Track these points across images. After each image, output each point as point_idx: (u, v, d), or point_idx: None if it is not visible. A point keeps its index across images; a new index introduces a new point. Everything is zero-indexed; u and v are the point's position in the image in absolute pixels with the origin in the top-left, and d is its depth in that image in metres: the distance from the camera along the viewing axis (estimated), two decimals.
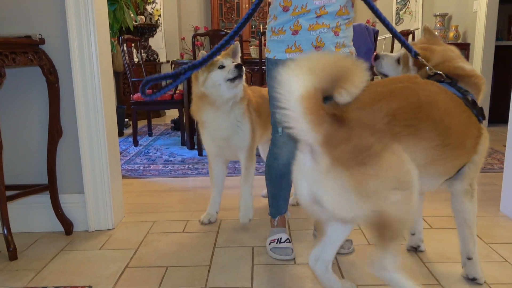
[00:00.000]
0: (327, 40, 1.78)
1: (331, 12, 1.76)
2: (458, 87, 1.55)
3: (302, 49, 1.79)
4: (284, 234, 2.01)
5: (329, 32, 1.78)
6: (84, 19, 2.11)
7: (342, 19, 1.79)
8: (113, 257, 1.98)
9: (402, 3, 6.57)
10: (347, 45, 1.85)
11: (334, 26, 1.78)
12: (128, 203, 2.66)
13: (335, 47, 1.80)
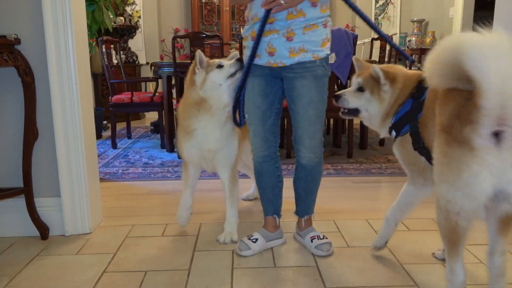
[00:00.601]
0: (279, 46, 1.80)
1: (280, 18, 1.77)
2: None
3: (259, 55, 1.85)
4: (258, 234, 2.04)
5: (280, 38, 1.79)
6: (61, 19, 2.07)
7: (295, 23, 1.77)
8: (90, 262, 1.94)
9: (380, 8, 6.68)
10: (309, 50, 1.80)
11: (285, 32, 1.78)
12: (106, 206, 2.62)
13: (289, 52, 1.80)
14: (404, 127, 1.74)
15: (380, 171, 3.39)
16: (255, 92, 1.92)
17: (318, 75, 1.85)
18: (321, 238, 2.02)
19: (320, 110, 1.89)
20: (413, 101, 1.72)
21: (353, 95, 1.84)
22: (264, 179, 2.04)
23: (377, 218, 2.41)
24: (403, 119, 1.75)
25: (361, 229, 2.28)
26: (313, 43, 1.81)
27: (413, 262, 1.91)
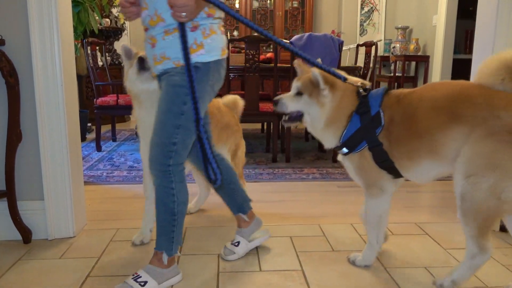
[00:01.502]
0: (148, 53, 1.70)
1: (147, 24, 1.64)
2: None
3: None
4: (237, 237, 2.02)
5: (147, 45, 1.68)
6: (47, 20, 2.05)
7: (156, 29, 1.61)
8: (74, 266, 1.92)
9: (366, 15, 6.76)
10: (172, 57, 1.61)
11: (149, 37, 1.66)
12: (90, 210, 2.59)
13: (154, 60, 1.67)
14: (359, 144, 1.74)
15: None
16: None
17: (175, 82, 1.61)
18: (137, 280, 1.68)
19: (164, 123, 1.62)
20: (361, 116, 1.72)
21: (291, 99, 1.82)
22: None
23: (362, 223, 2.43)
24: (357, 135, 1.73)
25: (346, 233, 2.30)
26: (175, 49, 1.58)
27: (397, 266, 1.93)
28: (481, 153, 1.50)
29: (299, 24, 6.82)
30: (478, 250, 1.58)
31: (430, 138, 1.61)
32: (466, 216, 1.56)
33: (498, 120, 1.47)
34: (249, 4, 6.69)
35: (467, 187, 1.53)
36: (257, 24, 6.76)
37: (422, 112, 1.62)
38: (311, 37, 3.52)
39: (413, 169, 1.71)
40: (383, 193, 1.79)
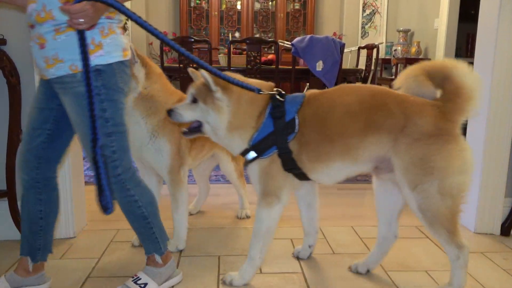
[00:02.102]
0: (36, 55, 1.48)
1: (33, 20, 1.44)
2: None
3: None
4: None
5: (34, 45, 1.47)
6: None
7: (44, 26, 1.42)
8: (74, 266, 1.92)
9: (367, 17, 6.77)
10: (66, 59, 1.44)
11: (36, 36, 1.45)
12: (90, 210, 2.58)
13: (46, 63, 1.46)
14: (269, 149, 1.65)
15: (366, 178, 3.42)
16: (33, 102, 1.62)
17: (80, 94, 1.45)
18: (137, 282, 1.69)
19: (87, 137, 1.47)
20: (274, 120, 1.64)
21: (186, 108, 1.68)
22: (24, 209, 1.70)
23: (363, 225, 2.43)
24: (268, 140, 1.64)
25: (346, 235, 2.30)
26: (70, 50, 1.42)
27: (398, 270, 1.93)
28: (413, 162, 1.54)
29: (300, 26, 6.82)
30: (458, 250, 1.60)
31: (344, 143, 1.60)
32: (434, 225, 1.58)
33: (416, 127, 1.53)
34: (251, 5, 6.70)
35: (418, 198, 1.56)
36: (258, 25, 6.77)
37: (335, 116, 1.61)
38: (312, 39, 3.52)
39: (322, 171, 1.68)
40: (278, 203, 1.71)
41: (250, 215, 2.54)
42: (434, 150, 1.52)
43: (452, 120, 1.54)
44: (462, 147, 1.54)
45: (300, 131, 1.63)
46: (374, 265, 1.90)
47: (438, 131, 1.52)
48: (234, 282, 1.77)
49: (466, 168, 1.55)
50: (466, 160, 1.55)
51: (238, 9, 6.77)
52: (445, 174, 1.52)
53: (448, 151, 1.52)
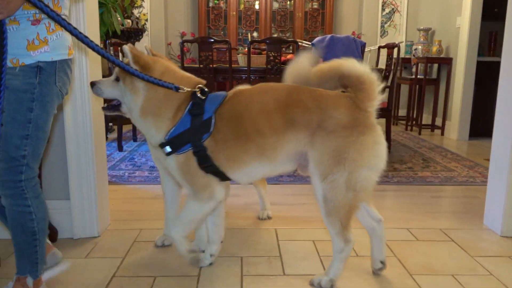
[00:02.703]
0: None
1: None
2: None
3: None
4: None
5: None
6: (74, 22, 2.08)
7: None
8: (99, 266, 1.94)
9: (387, 16, 6.69)
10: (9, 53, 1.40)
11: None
12: (113, 210, 2.61)
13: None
14: (184, 146, 1.64)
15: (387, 180, 3.38)
16: None
17: (15, 88, 1.42)
18: None
19: (9, 135, 1.44)
20: (192, 117, 1.63)
21: (108, 85, 1.68)
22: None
23: (386, 227, 2.37)
24: (183, 136, 1.63)
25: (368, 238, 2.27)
26: (12, 44, 1.40)
27: (423, 273, 1.90)
28: (326, 153, 1.58)
29: (319, 25, 6.79)
30: (344, 244, 1.67)
31: (261, 142, 1.62)
32: (331, 215, 1.63)
33: (331, 120, 1.58)
34: (269, 5, 6.68)
35: (326, 188, 1.60)
36: (276, 25, 6.75)
37: (252, 115, 1.62)
38: (333, 38, 3.49)
39: (240, 170, 1.69)
40: (211, 199, 1.71)
41: (272, 216, 2.53)
42: (348, 142, 1.56)
43: (365, 109, 1.60)
44: (376, 140, 1.60)
45: (217, 129, 1.64)
46: (382, 256, 1.88)
47: (353, 122, 1.57)
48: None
49: (376, 163, 1.60)
50: (377, 154, 1.60)
51: (256, 9, 6.76)
52: (355, 167, 1.57)
53: (361, 142, 1.56)
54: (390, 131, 4.31)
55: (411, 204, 2.84)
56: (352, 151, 1.56)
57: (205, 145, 1.64)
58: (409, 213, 2.66)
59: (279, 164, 1.68)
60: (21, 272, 1.59)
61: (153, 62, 1.67)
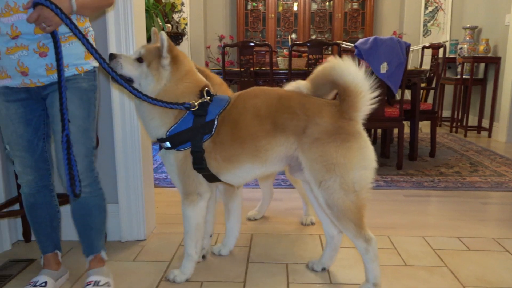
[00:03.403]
0: (31, 64, 1.54)
1: (27, 32, 1.51)
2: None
3: (9, 75, 1.58)
4: (44, 277, 1.76)
5: (32, 55, 1.54)
6: (123, 31, 2.13)
7: (46, 36, 1.53)
8: (147, 269, 1.97)
9: (430, 15, 6.50)
10: (71, 64, 1.60)
11: (35, 47, 1.53)
12: (158, 213, 2.66)
13: (46, 70, 1.57)
14: (184, 143, 1.70)
15: (433, 185, 3.28)
16: (14, 119, 1.64)
17: (82, 88, 1.65)
18: (99, 284, 1.74)
19: (83, 128, 1.66)
20: (194, 117, 1.69)
21: (130, 62, 1.69)
22: (41, 212, 1.78)
23: (435, 236, 2.32)
24: (183, 134, 1.69)
25: (417, 246, 2.21)
26: (74, 56, 1.62)
27: (477, 285, 1.82)
28: (315, 159, 1.62)
29: (359, 26, 6.67)
30: (366, 243, 1.65)
31: (253, 144, 1.68)
32: (341, 219, 1.64)
33: (317, 127, 1.61)
34: (308, 6, 6.64)
35: (324, 194, 1.63)
36: (315, 26, 6.69)
37: (246, 118, 1.68)
38: (377, 40, 3.41)
39: (233, 171, 1.74)
40: (201, 199, 1.79)
41: (315, 222, 2.50)
42: (333, 148, 1.59)
43: (350, 118, 1.61)
44: (361, 145, 1.61)
45: (217, 132, 1.70)
46: (329, 263, 1.96)
47: (336, 130, 1.60)
48: (177, 278, 1.85)
49: (366, 164, 1.62)
50: (365, 156, 1.61)
51: (294, 10, 6.73)
52: (345, 170, 1.59)
53: (346, 148, 1.59)
54: (435, 134, 4.17)
55: (460, 211, 2.73)
56: (339, 157, 1.59)
57: (204, 146, 1.71)
58: (458, 221, 2.56)
59: (269, 165, 1.73)
60: (95, 251, 1.82)
61: (183, 58, 1.74)
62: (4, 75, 1.58)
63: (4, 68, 1.57)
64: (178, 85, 1.70)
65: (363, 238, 1.65)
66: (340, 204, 1.62)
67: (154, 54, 1.68)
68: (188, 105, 1.68)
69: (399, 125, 3.68)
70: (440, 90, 5.91)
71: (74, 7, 1.53)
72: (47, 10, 1.44)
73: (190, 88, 1.72)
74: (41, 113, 1.69)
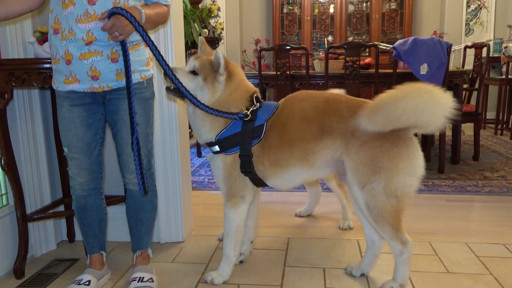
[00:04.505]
0: (104, 68, 1.64)
1: (101, 39, 1.61)
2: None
3: (78, 79, 1.65)
4: (88, 276, 1.82)
5: (105, 60, 1.64)
6: (162, 37, 2.18)
7: (117, 44, 1.63)
8: (185, 271, 2.01)
9: (472, 13, 6.28)
10: (136, 70, 1.72)
11: (109, 53, 1.64)
12: (195, 215, 2.70)
13: (116, 74, 1.67)
14: (232, 147, 1.75)
15: (477, 189, 3.15)
16: (76, 123, 1.71)
17: (145, 98, 1.78)
18: (143, 280, 1.81)
19: (145, 134, 1.79)
20: (244, 122, 1.74)
21: (185, 76, 1.73)
22: (90, 214, 1.84)
23: (479, 242, 2.24)
24: (232, 139, 1.74)
25: (460, 253, 2.13)
26: (139, 63, 1.74)
27: None
28: (362, 162, 1.62)
29: (397, 26, 6.53)
30: (402, 246, 1.66)
31: (302, 147, 1.70)
32: (379, 222, 1.64)
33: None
34: (344, 8, 6.57)
35: (366, 196, 1.63)
36: (352, 28, 6.61)
37: (294, 122, 1.71)
38: (416, 41, 3.33)
39: (281, 175, 1.77)
40: (243, 202, 1.82)
41: (353, 227, 2.47)
42: (381, 152, 1.59)
43: None
44: (410, 151, 1.61)
45: (265, 136, 1.74)
46: (368, 269, 1.92)
47: (386, 134, 1.59)
48: (215, 280, 1.86)
49: (413, 171, 1.61)
50: (413, 163, 1.61)
51: (331, 12, 6.67)
52: (391, 175, 1.59)
53: (394, 153, 1.59)
54: (478, 137, 4.02)
55: (506, 217, 2.62)
56: (386, 161, 1.59)
57: (252, 150, 1.74)
58: (504, 227, 2.45)
59: (317, 169, 1.74)
60: (143, 246, 1.91)
61: (236, 70, 1.81)
62: (72, 79, 1.66)
63: (74, 73, 1.65)
64: (232, 95, 1.76)
65: (399, 240, 1.65)
66: (381, 207, 1.62)
67: (209, 68, 1.74)
68: (242, 114, 1.73)
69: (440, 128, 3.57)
70: (484, 91, 5.69)
71: (143, 19, 1.65)
72: (122, 19, 1.56)
73: (241, 96, 1.78)
74: (101, 117, 1.78)
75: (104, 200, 1.92)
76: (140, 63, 1.75)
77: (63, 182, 2.29)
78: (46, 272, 2.02)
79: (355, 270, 1.92)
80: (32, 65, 1.91)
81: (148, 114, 1.81)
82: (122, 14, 1.55)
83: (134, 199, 1.86)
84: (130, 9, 1.60)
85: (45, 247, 2.25)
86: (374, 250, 1.89)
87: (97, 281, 1.84)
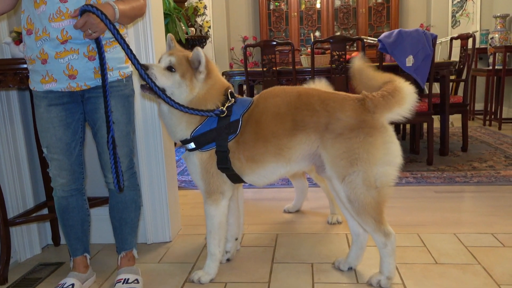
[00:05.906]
0: (81, 67, 1.61)
1: (77, 37, 1.57)
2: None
3: (55, 79, 1.61)
4: (71, 279, 1.79)
5: (81, 58, 1.60)
6: (142, 34, 2.15)
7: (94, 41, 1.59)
8: (171, 271, 1.98)
9: (458, 5, 6.30)
10: (115, 68, 1.69)
11: (85, 51, 1.60)
12: (183, 215, 2.67)
13: (94, 73, 1.64)
14: (208, 144, 1.73)
15: (465, 180, 3.15)
16: (54, 123, 1.67)
17: (125, 95, 1.75)
18: (129, 282, 1.78)
19: (126, 132, 1.76)
20: (219, 118, 1.71)
21: (161, 73, 1.67)
22: (73, 215, 1.80)
23: (467, 232, 2.23)
24: (208, 135, 1.72)
25: (449, 244, 2.12)
26: (117, 60, 1.71)
27: (510, 283, 1.73)
28: (338, 155, 1.62)
29: (384, 20, 6.53)
30: (384, 238, 1.65)
31: (276, 143, 1.69)
32: (361, 215, 1.64)
33: (339, 122, 1.62)
34: (331, 3, 6.55)
35: (346, 189, 1.63)
36: (339, 23, 6.60)
37: (267, 117, 1.70)
38: (401, 33, 3.32)
39: (258, 171, 1.76)
40: (223, 198, 1.81)
41: (342, 221, 2.45)
42: (356, 143, 1.59)
43: (375, 112, 1.61)
44: (385, 140, 1.61)
45: (240, 132, 1.73)
46: (356, 262, 1.91)
47: (359, 124, 1.60)
48: (201, 279, 1.84)
49: (390, 160, 1.61)
50: (389, 151, 1.61)
51: (317, 8, 6.66)
52: (368, 165, 1.59)
53: (370, 143, 1.59)
54: (466, 128, 4.03)
55: (495, 206, 2.62)
56: (361, 151, 1.59)
57: (229, 145, 1.72)
58: (492, 216, 2.45)
59: (294, 164, 1.74)
60: (128, 247, 1.89)
61: (213, 68, 1.77)
62: (49, 79, 1.62)
63: (50, 72, 1.61)
64: (210, 91, 1.74)
65: (382, 232, 1.65)
66: (362, 200, 1.62)
67: (186, 65, 1.69)
68: (218, 111, 1.71)
69: (428, 120, 3.58)
70: (472, 82, 5.71)
71: (117, 15, 1.61)
72: (94, 16, 1.52)
73: (218, 92, 1.76)
74: (80, 117, 1.74)
75: (87, 201, 1.89)
76: (118, 60, 1.72)
77: (46, 185, 2.24)
78: (30, 277, 1.99)
79: (343, 264, 1.91)
80: (8, 66, 1.86)
81: (129, 112, 1.78)
82: (93, 12, 1.51)
83: (116, 198, 1.83)
84: (103, 5, 1.56)
85: (30, 251, 2.21)
86: (359, 243, 1.88)
87: (81, 284, 1.81)
